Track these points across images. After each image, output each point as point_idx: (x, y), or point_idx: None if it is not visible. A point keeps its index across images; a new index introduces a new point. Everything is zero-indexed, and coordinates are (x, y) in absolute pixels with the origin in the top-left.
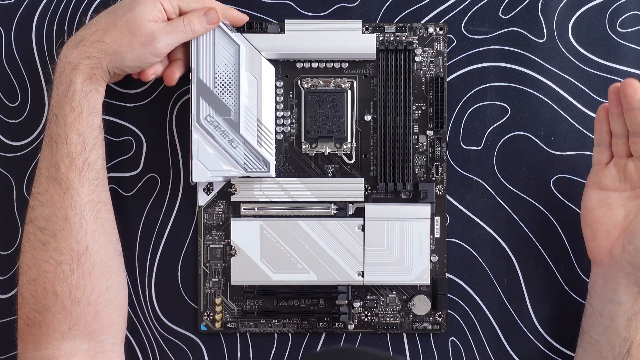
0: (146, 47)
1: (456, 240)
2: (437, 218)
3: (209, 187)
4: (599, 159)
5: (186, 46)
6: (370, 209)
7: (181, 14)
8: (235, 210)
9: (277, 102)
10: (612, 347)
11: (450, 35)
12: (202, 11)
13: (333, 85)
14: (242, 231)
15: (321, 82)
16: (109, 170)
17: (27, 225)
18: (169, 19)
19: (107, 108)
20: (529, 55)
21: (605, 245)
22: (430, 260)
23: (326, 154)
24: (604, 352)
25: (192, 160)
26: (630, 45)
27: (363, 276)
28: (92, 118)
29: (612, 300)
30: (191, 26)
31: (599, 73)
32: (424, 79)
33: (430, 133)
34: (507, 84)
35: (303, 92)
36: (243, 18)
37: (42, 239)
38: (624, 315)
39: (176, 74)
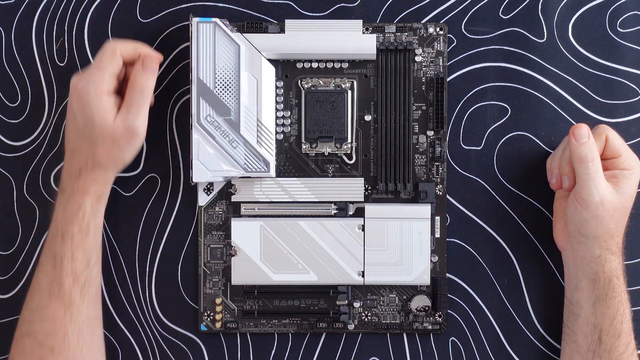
0: (133, 140)
1: (456, 240)
2: (437, 218)
3: (209, 187)
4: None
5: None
6: (370, 209)
7: (126, 73)
8: (235, 210)
9: (277, 102)
10: (585, 335)
11: (451, 35)
12: (139, 66)
13: (333, 85)
14: (243, 231)
15: (321, 82)
16: None
17: (24, 338)
18: (120, 88)
19: None
20: (529, 55)
21: (560, 226)
22: (431, 260)
23: (326, 154)
24: (580, 342)
25: (192, 160)
26: (630, 45)
27: (363, 276)
28: (97, 237)
29: (577, 287)
30: (144, 88)
31: (599, 73)
32: (424, 79)
33: (430, 133)
34: (507, 84)
35: (303, 92)
36: (158, 56)
37: (39, 352)
38: (588, 301)
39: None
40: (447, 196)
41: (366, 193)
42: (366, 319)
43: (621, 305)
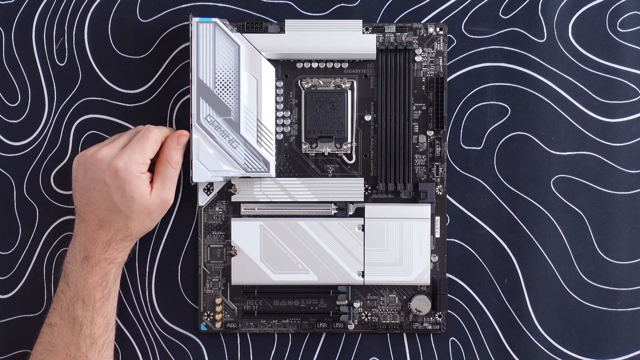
0: (165, 211)
1: (456, 240)
2: (437, 218)
3: (209, 187)
4: None
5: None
6: (370, 209)
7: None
8: (235, 210)
9: (277, 102)
10: None
11: (451, 35)
12: (174, 142)
13: (333, 85)
14: (242, 231)
15: (321, 82)
16: None
17: None
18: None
19: (107, 108)
20: (529, 55)
21: None
22: (431, 261)
23: (326, 154)
24: None
25: (192, 160)
26: (630, 45)
27: (363, 276)
28: (115, 301)
29: None
30: (178, 163)
31: (599, 73)
32: (424, 79)
33: (430, 133)
34: (507, 84)
35: (303, 92)
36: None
37: None
38: None
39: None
40: (447, 196)
41: (366, 193)
42: (366, 319)
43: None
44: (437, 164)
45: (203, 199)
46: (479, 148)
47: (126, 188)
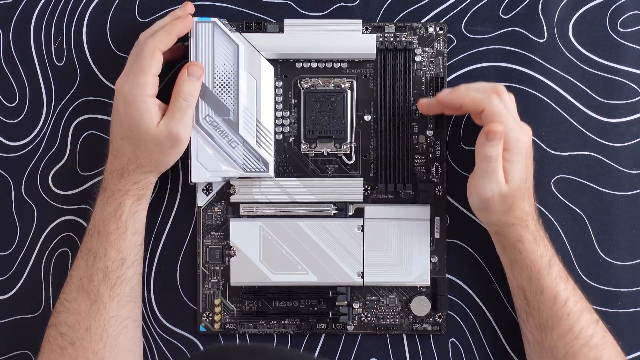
0: (176, 146)
1: (456, 241)
2: (437, 219)
3: (208, 188)
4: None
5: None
6: (369, 209)
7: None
8: (234, 210)
9: (276, 102)
10: (516, 298)
11: (450, 35)
12: (184, 74)
13: (332, 85)
14: (242, 232)
15: (321, 82)
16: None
17: (50, 328)
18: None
19: (105, 107)
20: (529, 55)
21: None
22: (430, 261)
23: (326, 154)
24: (517, 307)
25: (191, 160)
26: (631, 45)
27: (363, 277)
28: (136, 236)
29: (500, 255)
30: (189, 95)
31: (599, 73)
32: (423, 79)
33: (430, 133)
34: (507, 84)
35: (302, 92)
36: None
37: (61, 343)
38: (506, 266)
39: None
40: (447, 197)
41: (366, 193)
42: (366, 320)
43: (533, 265)
44: (437, 164)
45: (202, 200)
46: None
47: (133, 114)
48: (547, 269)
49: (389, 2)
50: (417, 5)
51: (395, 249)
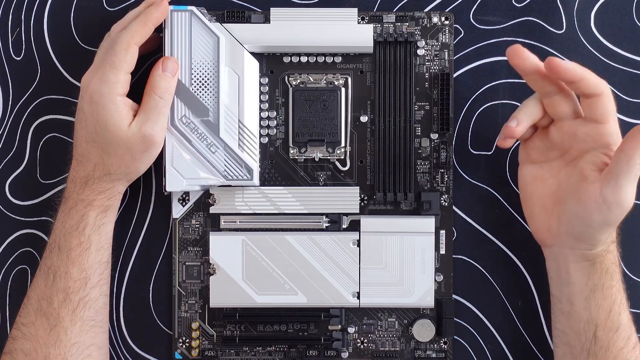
0: (149, 150)
1: (464, 258)
2: (443, 232)
3: (184, 197)
4: (523, 135)
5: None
6: (366, 222)
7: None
8: (214, 223)
9: (261, 102)
10: (578, 334)
11: (457, 26)
12: (158, 69)
13: (325, 82)
14: (222, 247)
15: (311, 79)
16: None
17: (4, 355)
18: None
19: (69, 107)
20: (546, 48)
21: (544, 221)
22: (435, 280)
23: (317, 159)
24: (572, 343)
25: (165, 166)
26: None
27: (358, 298)
28: (101, 253)
29: (567, 282)
30: (164, 92)
31: (625, 68)
32: (427, 75)
33: (434, 136)
34: (521, 81)
35: (291, 89)
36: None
37: None
38: (580, 296)
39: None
40: (454, 207)
41: (362, 204)
42: (362, 346)
43: (619, 294)
44: (442, 170)
45: (178, 211)
46: (490, 153)
47: (100, 115)
48: (626, 303)
49: None
50: None
51: (395, 266)
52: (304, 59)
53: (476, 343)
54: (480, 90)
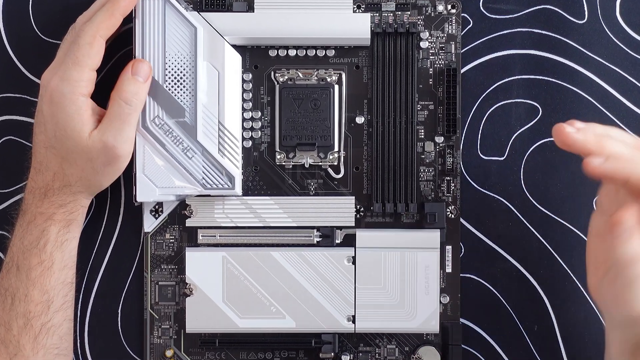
0: (114, 164)
1: (473, 276)
2: (449, 248)
3: (157, 209)
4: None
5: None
6: (363, 236)
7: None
8: (190, 237)
9: (244, 101)
10: None
11: (465, 15)
12: (128, 72)
13: (316, 78)
14: (200, 264)
15: (300, 75)
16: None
17: None
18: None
19: (28, 107)
20: (565, 40)
21: (596, 279)
22: (440, 302)
23: (307, 166)
24: None
25: (135, 174)
26: None
27: (354, 322)
28: (65, 272)
29: None
30: (132, 98)
31: None
32: (431, 71)
33: (439, 140)
34: (537, 77)
35: (277, 87)
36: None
37: None
38: None
39: None
40: (461, 220)
41: (358, 216)
42: None
43: None
44: (449, 178)
45: (150, 224)
46: (502, 159)
47: (59, 117)
48: None
49: None
50: None
51: (395, 286)
52: (292, 53)
53: None
54: (491, 88)
